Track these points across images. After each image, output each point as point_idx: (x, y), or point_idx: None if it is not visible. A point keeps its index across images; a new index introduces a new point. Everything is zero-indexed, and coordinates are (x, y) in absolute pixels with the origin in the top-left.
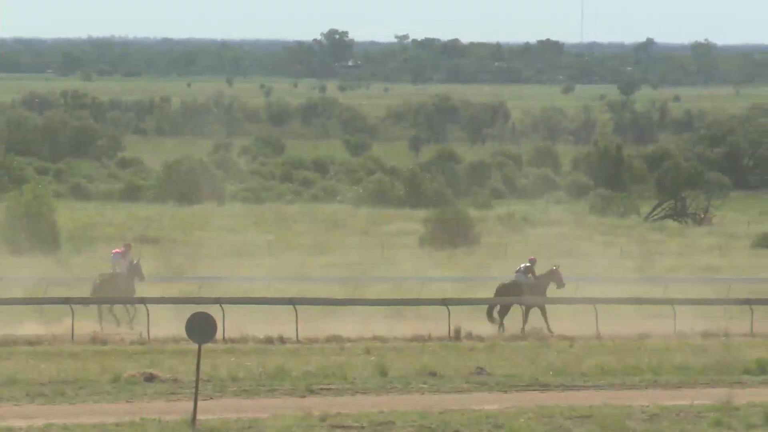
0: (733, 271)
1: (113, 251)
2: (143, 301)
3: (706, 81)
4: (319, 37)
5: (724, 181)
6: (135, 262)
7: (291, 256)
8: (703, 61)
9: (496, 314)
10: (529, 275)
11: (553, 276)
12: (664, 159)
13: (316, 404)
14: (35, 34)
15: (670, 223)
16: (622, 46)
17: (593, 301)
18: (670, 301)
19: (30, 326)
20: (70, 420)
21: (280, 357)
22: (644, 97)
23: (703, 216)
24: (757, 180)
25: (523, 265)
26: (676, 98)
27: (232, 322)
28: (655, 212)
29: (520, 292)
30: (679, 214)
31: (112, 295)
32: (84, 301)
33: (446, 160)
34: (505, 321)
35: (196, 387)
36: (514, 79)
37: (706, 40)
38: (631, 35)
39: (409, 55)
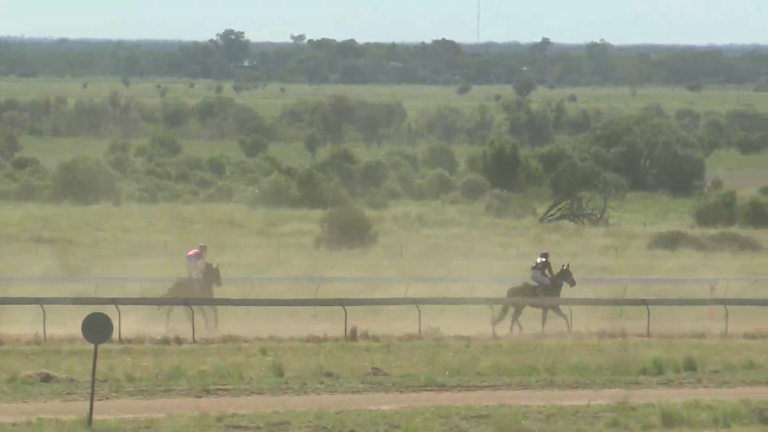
0: (630, 271)
1: (188, 254)
2: (39, 301)
3: (602, 81)
4: (215, 38)
5: (621, 181)
6: (214, 266)
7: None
8: (599, 62)
9: (509, 315)
10: (546, 272)
11: (566, 275)
12: (560, 159)
13: (212, 404)
14: None
15: (566, 224)
16: (518, 46)
17: (489, 301)
18: (566, 302)
19: None
20: None
21: (176, 357)
22: (540, 97)
23: (599, 216)
24: (654, 180)
25: (539, 260)
26: (572, 98)
27: (128, 323)
28: (551, 213)
29: (533, 294)
30: (575, 214)
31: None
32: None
33: (342, 161)
34: (399, 323)
35: (93, 387)
36: (410, 79)
37: (602, 40)
38: (527, 35)
39: (305, 55)
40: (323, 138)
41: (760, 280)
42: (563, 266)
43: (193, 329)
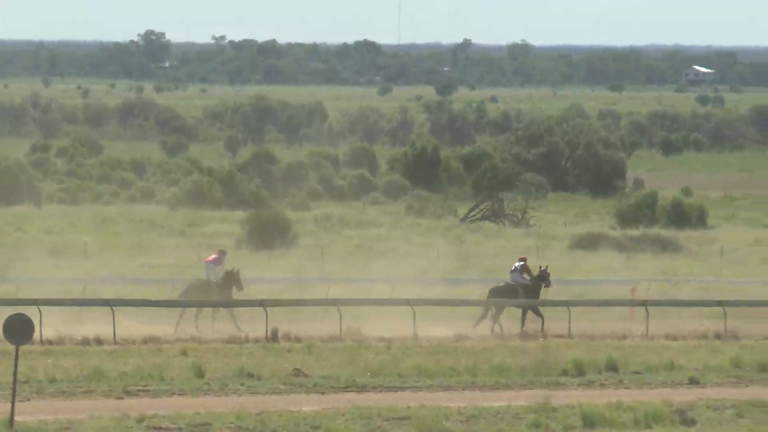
0: (550, 272)
1: (206, 260)
2: None
3: (524, 82)
4: (136, 39)
5: (542, 182)
6: (234, 271)
7: (109, 257)
8: (520, 62)
9: (490, 316)
10: (525, 274)
11: (544, 276)
12: (482, 160)
13: (134, 405)
14: None
15: (488, 225)
16: (439, 47)
17: (410, 302)
18: (487, 303)
19: None
20: None
21: (97, 358)
22: (461, 98)
23: (520, 217)
24: (575, 181)
25: (517, 264)
26: (494, 99)
27: (49, 324)
28: (472, 213)
29: (515, 294)
30: (496, 215)
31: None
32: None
33: (263, 161)
34: (322, 324)
35: (14, 388)
36: (332, 80)
37: (523, 41)
38: (448, 36)
39: (226, 56)
40: (244, 139)
41: (681, 281)
42: (541, 268)
43: (114, 330)
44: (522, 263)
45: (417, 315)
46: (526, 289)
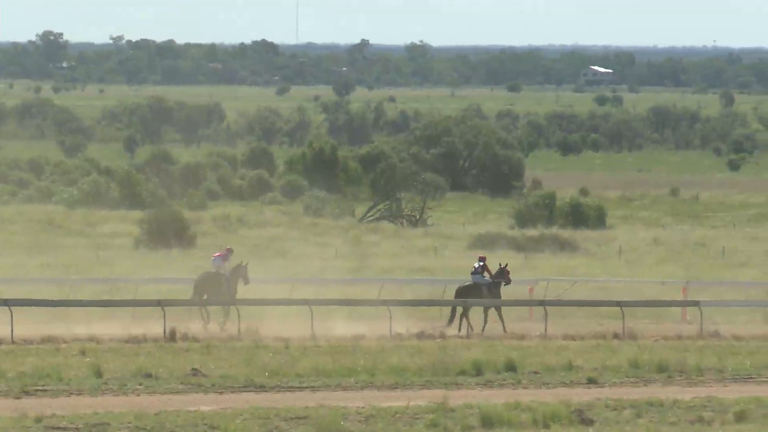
0: (449, 272)
1: (214, 255)
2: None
3: (422, 82)
4: (33, 38)
5: (440, 182)
6: (243, 264)
7: (6, 256)
8: (418, 63)
9: (459, 316)
10: (485, 274)
11: (503, 274)
12: (379, 160)
13: (32, 405)
14: None
15: (386, 225)
16: (336, 47)
17: (308, 302)
18: (386, 303)
19: None
20: None
21: None
22: (359, 98)
23: (418, 217)
24: (473, 181)
25: (477, 264)
26: (392, 99)
27: None
28: (370, 213)
29: (480, 293)
30: (394, 215)
31: (213, 294)
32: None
33: (161, 161)
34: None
35: None
36: (230, 80)
37: (421, 41)
38: (346, 36)
39: (124, 56)
40: (142, 139)
41: (579, 281)
42: (500, 266)
43: (12, 330)
44: (481, 263)
45: (314, 315)
46: (489, 288)
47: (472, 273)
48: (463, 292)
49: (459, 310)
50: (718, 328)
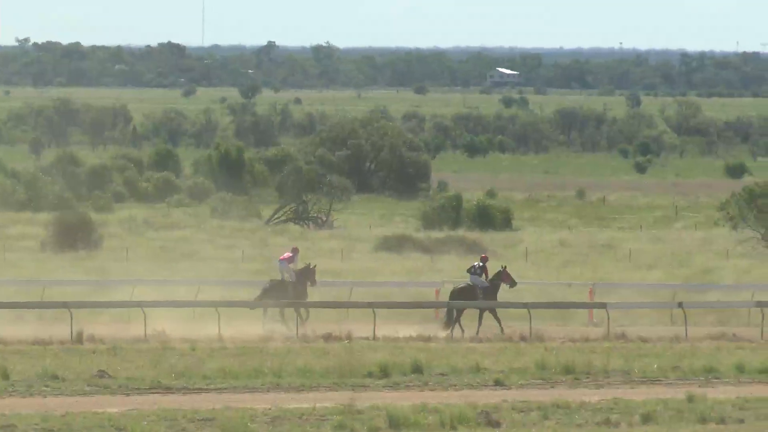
0: (355, 274)
1: (280, 258)
2: None
3: (328, 84)
4: None
5: (346, 184)
6: (312, 266)
7: None
8: (324, 64)
9: (454, 317)
10: (483, 276)
11: (504, 277)
12: (286, 162)
13: None
14: None
15: (292, 227)
16: (243, 49)
17: (215, 303)
18: (291, 304)
19: None
20: None
21: None
22: (265, 100)
23: (324, 219)
24: (380, 183)
25: (476, 264)
26: (298, 101)
27: None
28: (276, 216)
29: (475, 296)
30: (300, 217)
31: (279, 298)
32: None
33: (67, 164)
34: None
35: None
36: (136, 82)
37: (327, 43)
38: (252, 38)
39: (30, 58)
40: (48, 141)
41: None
42: (501, 268)
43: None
44: (481, 264)
45: (221, 317)
46: (485, 291)
47: (471, 273)
48: (457, 295)
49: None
50: (624, 330)
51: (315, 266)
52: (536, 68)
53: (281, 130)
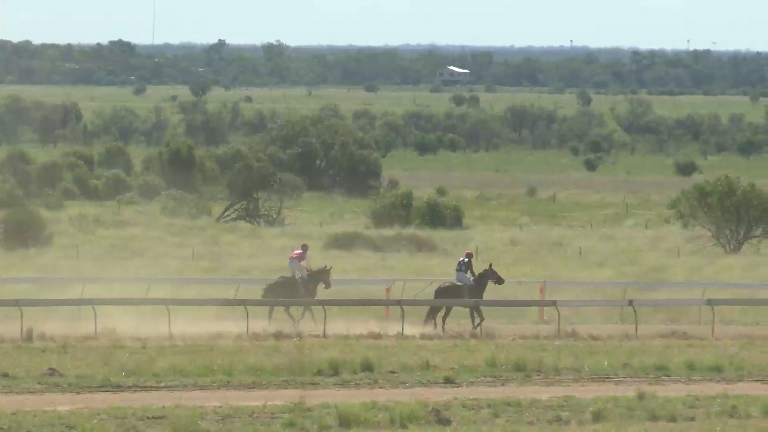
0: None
1: (290, 256)
2: None
3: (279, 82)
4: None
5: (297, 182)
6: (327, 268)
7: None
8: (275, 63)
9: (438, 317)
10: (468, 273)
11: (490, 275)
12: (236, 160)
13: None
14: None
15: (243, 225)
16: (193, 47)
17: (165, 301)
18: (242, 302)
19: None
20: None
21: None
22: (216, 98)
23: (275, 217)
24: (330, 181)
25: (463, 259)
26: (248, 99)
27: None
28: (227, 213)
29: (460, 294)
30: (251, 215)
31: (288, 296)
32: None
33: (18, 162)
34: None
35: None
36: (86, 80)
37: (278, 41)
38: (203, 37)
39: None
40: None
41: (436, 281)
42: (487, 267)
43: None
44: (466, 260)
45: (171, 314)
46: (470, 288)
47: (458, 270)
48: (442, 293)
49: (440, 310)
50: (575, 328)
51: (330, 268)
52: (487, 66)
53: (232, 128)
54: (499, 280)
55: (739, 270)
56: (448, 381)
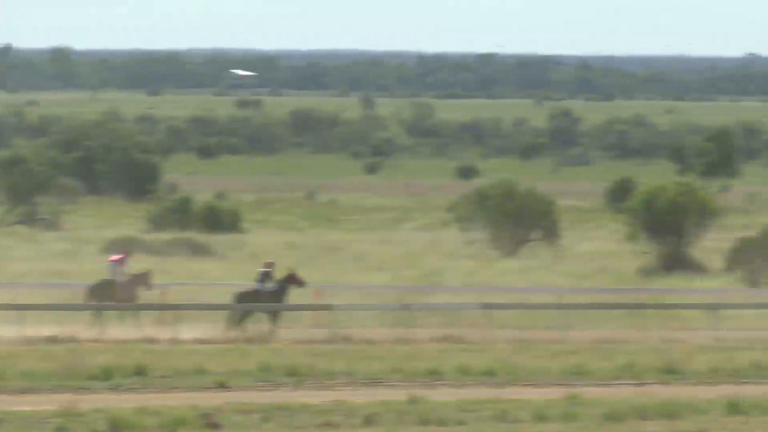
0: (83, 276)
1: (110, 259)
2: None
3: (64, 86)
4: None
5: (76, 186)
6: (147, 272)
7: None
8: (60, 66)
9: (239, 321)
10: (268, 281)
11: (291, 279)
12: (17, 164)
13: None
14: None
15: (21, 229)
16: None
17: None
18: (18, 307)
19: None
20: None
21: None
22: (0, 102)
23: (53, 221)
24: (110, 185)
25: (262, 270)
26: (33, 103)
27: None
28: (5, 217)
29: (258, 299)
30: (29, 219)
31: (107, 300)
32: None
33: None
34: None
35: None
36: None
37: (64, 45)
38: None
39: None
40: None
41: (212, 285)
42: (289, 273)
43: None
44: (267, 270)
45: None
46: (272, 294)
47: (257, 281)
48: (240, 298)
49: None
50: (349, 332)
51: (150, 271)
52: (272, 70)
53: (16, 131)
54: (301, 284)
55: (515, 274)
56: (221, 385)
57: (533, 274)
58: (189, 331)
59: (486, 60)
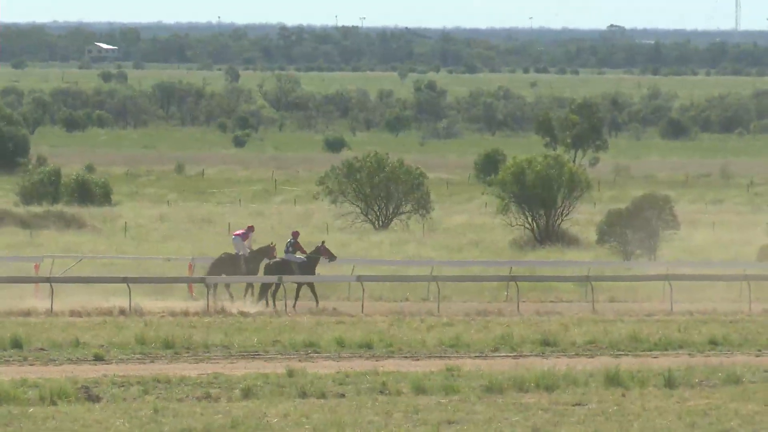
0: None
1: (234, 233)
2: None
3: None
4: None
5: None
6: (272, 245)
7: None
8: None
9: (268, 293)
10: (298, 252)
11: (322, 251)
12: None
13: None
14: None
15: None
16: None
17: None
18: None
19: None
20: None
21: None
22: None
23: None
24: None
25: (290, 240)
26: None
27: None
28: None
29: (290, 270)
30: None
31: (230, 273)
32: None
33: None
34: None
35: None
36: None
37: None
38: None
39: None
40: None
41: (85, 258)
42: (319, 244)
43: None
44: (294, 240)
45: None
46: (301, 266)
47: (285, 251)
48: (272, 269)
49: (271, 287)
50: (224, 305)
51: (274, 245)
52: (135, 43)
53: None
54: (332, 257)
55: (387, 246)
56: (98, 358)
57: (406, 247)
58: (64, 304)
59: (349, 32)
